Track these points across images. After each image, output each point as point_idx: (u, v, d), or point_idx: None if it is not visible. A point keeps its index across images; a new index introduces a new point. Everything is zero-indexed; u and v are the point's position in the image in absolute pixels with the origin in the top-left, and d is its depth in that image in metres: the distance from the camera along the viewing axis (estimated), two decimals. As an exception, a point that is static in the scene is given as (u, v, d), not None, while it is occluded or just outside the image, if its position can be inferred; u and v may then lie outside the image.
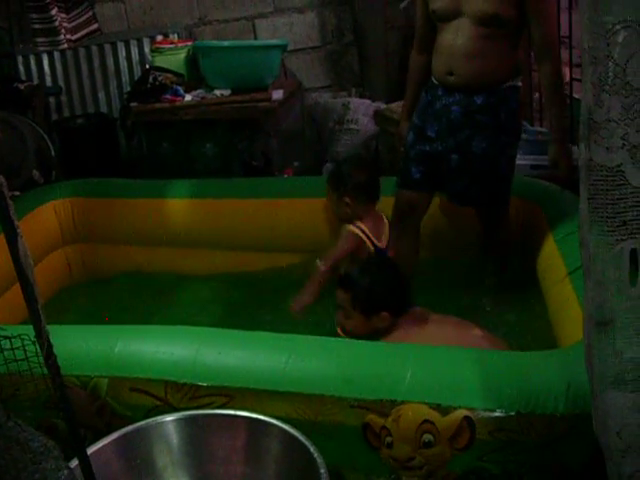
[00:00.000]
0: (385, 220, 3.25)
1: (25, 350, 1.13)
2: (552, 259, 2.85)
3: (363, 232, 3.15)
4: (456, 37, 2.83)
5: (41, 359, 1.02)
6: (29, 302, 0.97)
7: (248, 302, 3.47)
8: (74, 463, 1.22)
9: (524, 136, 4.00)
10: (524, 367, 2.01)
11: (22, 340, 1.13)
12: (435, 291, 3.22)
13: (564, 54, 4.35)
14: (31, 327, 1.06)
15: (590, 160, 1.24)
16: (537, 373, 1.96)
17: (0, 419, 0.98)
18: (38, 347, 1.00)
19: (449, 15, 2.84)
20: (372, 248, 3.15)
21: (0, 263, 3.27)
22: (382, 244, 3.18)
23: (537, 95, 4.92)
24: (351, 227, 3.16)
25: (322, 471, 1.65)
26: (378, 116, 4.85)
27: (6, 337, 1.15)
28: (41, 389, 1.93)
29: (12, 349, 1.26)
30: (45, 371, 1.13)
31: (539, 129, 4.35)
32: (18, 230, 0.90)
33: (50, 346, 1.00)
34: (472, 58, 2.83)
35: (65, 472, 1.06)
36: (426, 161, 3.09)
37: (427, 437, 1.95)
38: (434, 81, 3.04)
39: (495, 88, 2.90)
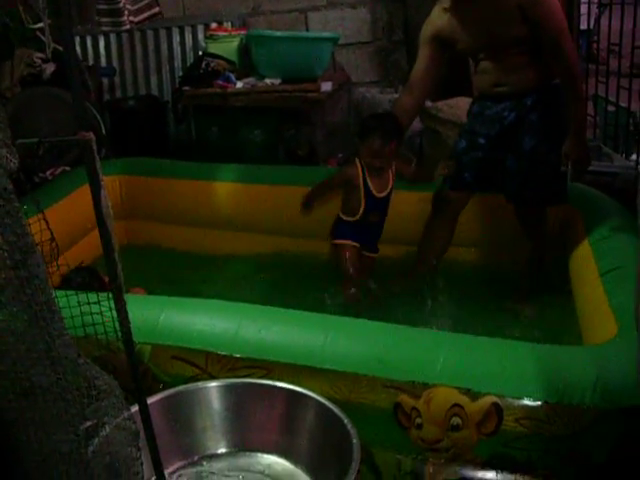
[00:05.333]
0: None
1: (102, 315, 1.20)
2: (585, 261, 2.90)
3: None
4: (492, 61, 3.04)
5: (114, 313, 1.09)
6: (106, 249, 1.05)
7: (285, 285, 3.58)
8: (134, 409, 1.31)
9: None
10: (554, 359, 2.06)
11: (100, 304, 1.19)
12: (470, 287, 3.33)
13: (613, 63, 4.39)
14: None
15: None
16: (567, 366, 2.02)
17: (72, 355, 1.07)
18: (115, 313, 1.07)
19: (476, 50, 3.08)
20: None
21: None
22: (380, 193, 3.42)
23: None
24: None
25: (354, 441, 1.72)
26: (423, 113, 4.88)
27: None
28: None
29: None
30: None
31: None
32: (102, 182, 0.99)
33: (122, 291, 1.09)
34: (515, 71, 3.02)
35: (125, 414, 1.14)
36: (480, 166, 3.23)
37: (456, 420, 2.01)
38: (481, 93, 3.21)
39: (542, 88, 3.03)
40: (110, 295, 1.16)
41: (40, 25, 3.94)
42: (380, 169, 3.33)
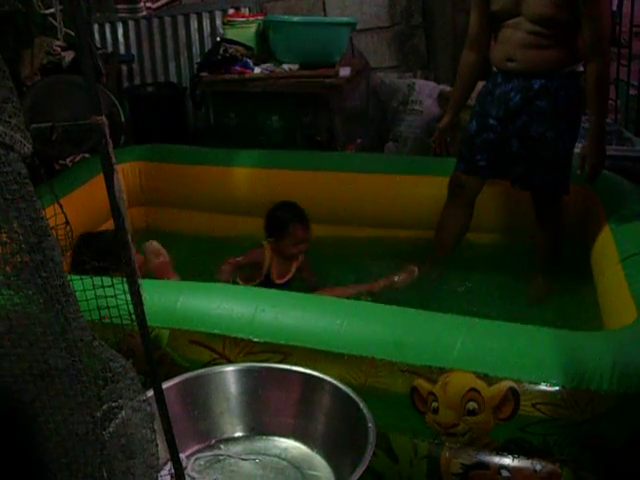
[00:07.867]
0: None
1: (116, 297, 1.21)
2: (606, 246, 2.88)
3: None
4: (515, 31, 2.96)
5: (128, 296, 1.11)
6: (119, 232, 1.06)
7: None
8: (150, 392, 1.32)
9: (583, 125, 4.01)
10: (572, 344, 2.05)
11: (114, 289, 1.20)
12: (488, 272, 3.32)
13: (636, 46, 4.34)
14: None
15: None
16: (584, 351, 2.01)
17: (87, 337, 1.09)
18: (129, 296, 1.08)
19: (508, 15, 2.97)
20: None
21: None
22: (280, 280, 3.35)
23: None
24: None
25: (370, 425, 1.73)
26: (442, 98, 4.87)
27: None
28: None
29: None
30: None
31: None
32: (115, 166, 0.99)
33: (136, 274, 1.10)
34: (530, 48, 2.94)
35: (140, 396, 1.16)
36: (491, 149, 3.18)
37: (472, 405, 2.01)
38: (494, 69, 3.16)
39: (554, 73, 2.96)
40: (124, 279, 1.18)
41: (52, 10, 3.95)
42: (292, 256, 3.32)
